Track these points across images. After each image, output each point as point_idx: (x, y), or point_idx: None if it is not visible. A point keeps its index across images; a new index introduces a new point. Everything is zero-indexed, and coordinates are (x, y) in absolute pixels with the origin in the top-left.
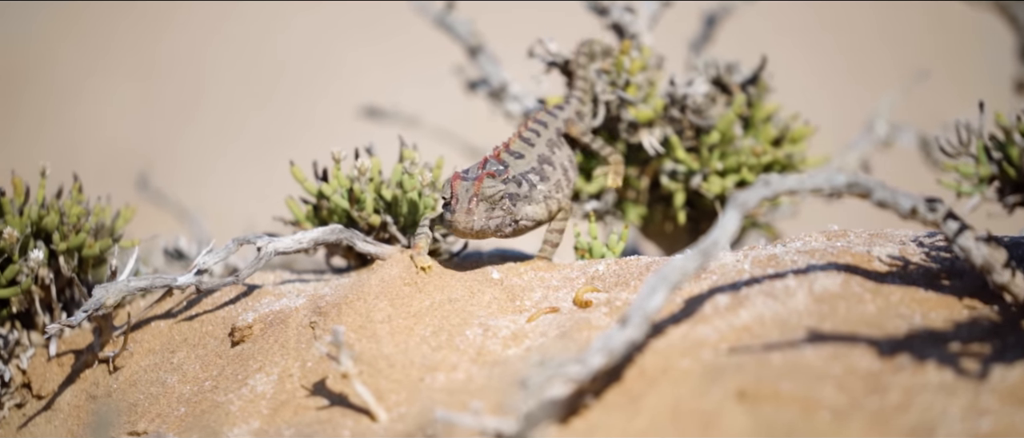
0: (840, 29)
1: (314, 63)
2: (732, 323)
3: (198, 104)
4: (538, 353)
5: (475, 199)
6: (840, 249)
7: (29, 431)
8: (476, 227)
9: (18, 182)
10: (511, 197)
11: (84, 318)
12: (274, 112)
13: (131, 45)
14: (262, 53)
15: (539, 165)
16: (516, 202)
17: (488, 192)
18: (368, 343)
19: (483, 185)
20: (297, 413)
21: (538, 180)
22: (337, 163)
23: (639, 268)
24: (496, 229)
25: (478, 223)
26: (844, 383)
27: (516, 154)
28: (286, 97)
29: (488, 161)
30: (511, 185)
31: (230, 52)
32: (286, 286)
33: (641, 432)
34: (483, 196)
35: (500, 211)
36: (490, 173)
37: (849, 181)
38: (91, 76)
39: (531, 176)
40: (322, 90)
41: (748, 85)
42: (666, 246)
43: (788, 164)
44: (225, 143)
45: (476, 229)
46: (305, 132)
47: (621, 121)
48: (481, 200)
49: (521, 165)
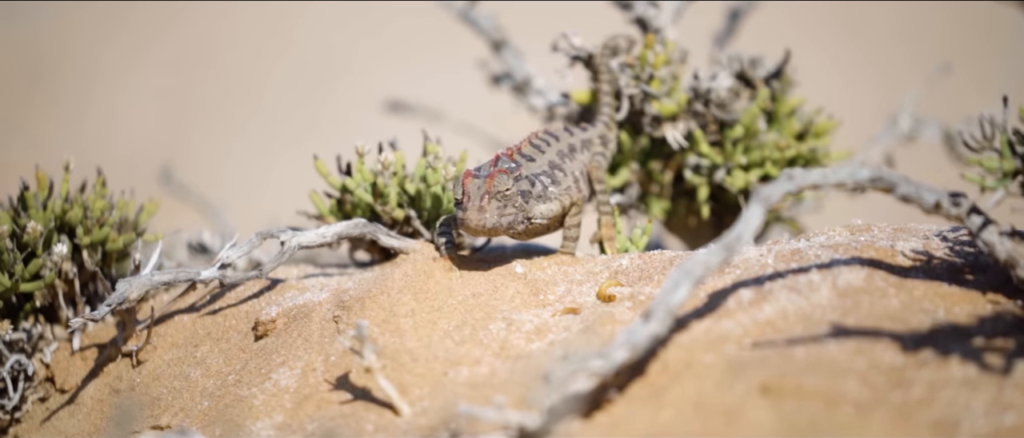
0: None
1: (338, 57)
2: (755, 317)
3: (222, 98)
4: (562, 347)
5: (487, 196)
6: (864, 244)
7: (52, 425)
8: (488, 224)
9: (42, 176)
10: (523, 194)
11: (107, 312)
12: (298, 106)
13: (154, 39)
14: (286, 47)
15: (550, 170)
16: (528, 200)
17: (500, 188)
18: (391, 337)
19: (495, 181)
20: (320, 407)
21: (549, 182)
22: (361, 157)
23: (662, 262)
24: (509, 226)
25: (490, 220)
26: (867, 378)
27: (527, 157)
28: (310, 91)
29: (500, 158)
30: (524, 182)
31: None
32: (309, 280)
33: (664, 426)
34: (495, 192)
35: (512, 208)
36: (502, 170)
37: (873, 175)
38: (114, 70)
39: (543, 178)
40: (346, 84)
41: (772, 79)
42: (689, 240)
43: (812, 158)
44: (248, 137)
45: (488, 226)
46: (329, 126)
47: (645, 115)
48: (493, 197)
49: (532, 167)
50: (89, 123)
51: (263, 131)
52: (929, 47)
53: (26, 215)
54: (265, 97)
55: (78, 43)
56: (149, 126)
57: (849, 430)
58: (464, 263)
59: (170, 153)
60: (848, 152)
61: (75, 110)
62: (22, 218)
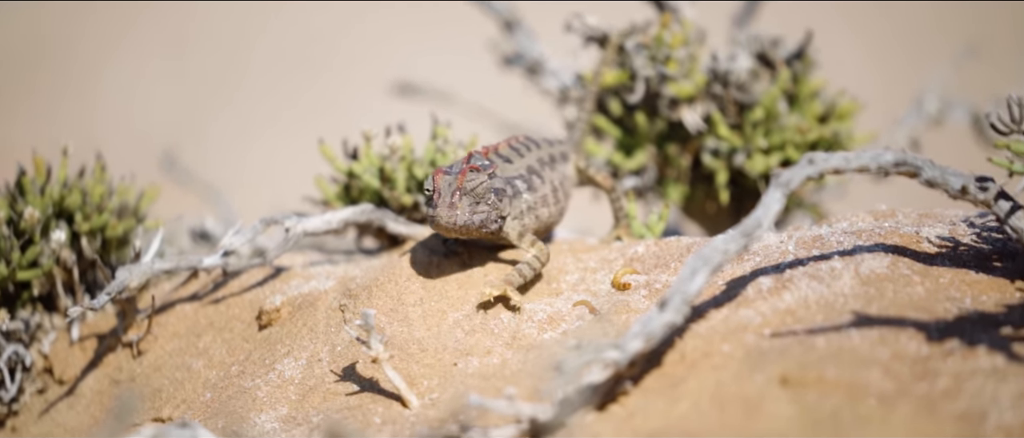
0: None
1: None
2: (775, 306)
3: (225, 81)
4: (575, 337)
5: (458, 193)
6: (888, 230)
7: (51, 417)
8: (459, 222)
9: (39, 161)
10: (497, 193)
11: (107, 301)
12: (303, 89)
13: (156, 21)
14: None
15: (528, 174)
16: (503, 199)
17: (471, 186)
18: (399, 327)
19: (466, 178)
20: (326, 399)
21: (525, 187)
22: (368, 141)
23: (679, 249)
24: (481, 225)
25: (461, 218)
26: (891, 368)
27: (504, 158)
28: (315, 73)
29: (473, 156)
30: (498, 181)
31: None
32: (315, 268)
33: (681, 419)
34: (466, 190)
35: (485, 206)
36: (475, 167)
37: (897, 159)
38: (114, 52)
39: (517, 182)
40: (352, 66)
41: (793, 60)
42: (708, 226)
43: (834, 142)
44: (252, 121)
45: (459, 224)
46: (335, 109)
47: (661, 97)
48: (464, 194)
49: (509, 169)
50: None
51: (267, 115)
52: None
53: (23, 201)
54: (269, 80)
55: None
56: (151, 111)
57: (872, 422)
58: (474, 251)
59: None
60: (872, 135)
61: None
62: (19, 204)
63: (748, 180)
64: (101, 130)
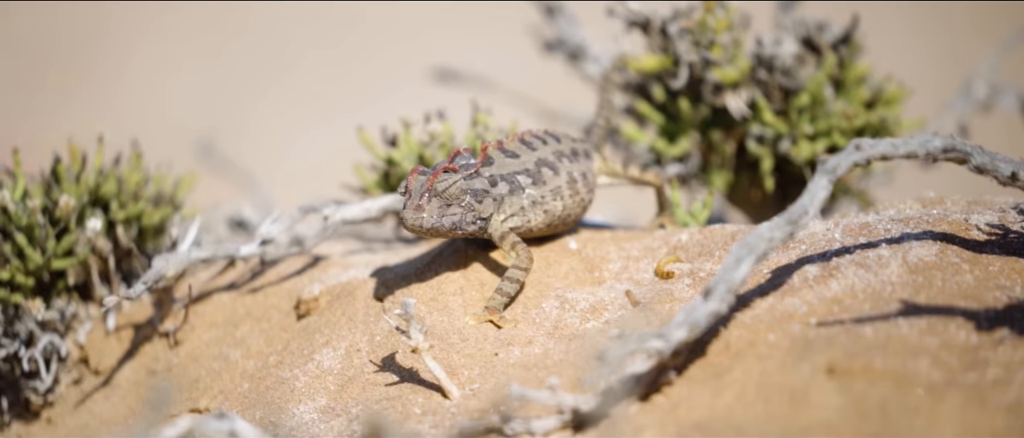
0: None
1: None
2: (822, 294)
3: (263, 68)
4: (618, 326)
5: (428, 195)
6: (936, 217)
7: (86, 408)
8: (426, 225)
9: (74, 149)
10: (474, 194)
11: (144, 290)
12: (341, 76)
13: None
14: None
15: (536, 168)
16: (482, 200)
17: (441, 187)
18: (439, 316)
19: (437, 179)
20: (365, 389)
21: (529, 182)
22: (407, 128)
23: (724, 237)
24: (453, 227)
25: (428, 221)
26: (940, 358)
27: (510, 153)
28: (354, 60)
29: (460, 154)
30: (477, 180)
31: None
32: (354, 256)
33: (726, 409)
34: (437, 191)
35: (458, 209)
36: (449, 167)
37: (945, 145)
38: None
39: (520, 177)
40: (391, 53)
41: (839, 45)
42: (753, 214)
43: (881, 128)
44: (290, 108)
45: (426, 227)
46: (374, 96)
47: (705, 83)
48: (434, 196)
49: (511, 164)
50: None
51: (305, 102)
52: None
53: (59, 189)
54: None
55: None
56: (187, 98)
57: (921, 413)
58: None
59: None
60: (920, 121)
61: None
62: (54, 192)
63: (793, 167)
64: (137, 119)
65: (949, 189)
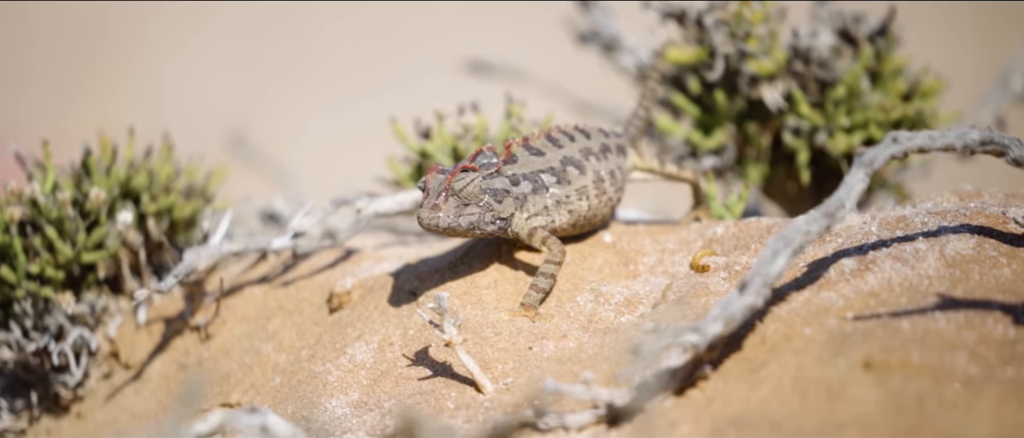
0: None
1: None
2: (858, 288)
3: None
4: (653, 320)
5: (445, 194)
6: (973, 210)
7: (117, 402)
8: (442, 225)
9: (105, 141)
10: (494, 194)
11: (174, 283)
12: (374, 68)
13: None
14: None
15: (561, 166)
16: (502, 199)
17: (459, 186)
18: (473, 310)
19: (455, 178)
20: (398, 384)
21: (553, 181)
22: (440, 120)
23: (760, 230)
24: (471, 227)
25: (444, 220)
26: (978, 352)
27: (535, 150)
28: (386, 52)
29: (482, 153)
30: (497, 180)
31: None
32: (386, 250)
33: (762, 404)
34: (454, 190)
35: (477, 208)
36: (468, 166)
37: (983, 138)
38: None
39: (544, 176)
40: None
41: (876, 37)
42: (789, 207)
43: (918, 120)
44: (322, 100)
45: (442, 227)
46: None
47: (741, 75)
48: (451, 195)
49: (536, 163)
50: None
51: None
52: None
53: (89, 181)
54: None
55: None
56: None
57: (958, 407)
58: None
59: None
60: (957, 114)
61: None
62: (85, 184)
63: (830, 160)
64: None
65: (986, 182)
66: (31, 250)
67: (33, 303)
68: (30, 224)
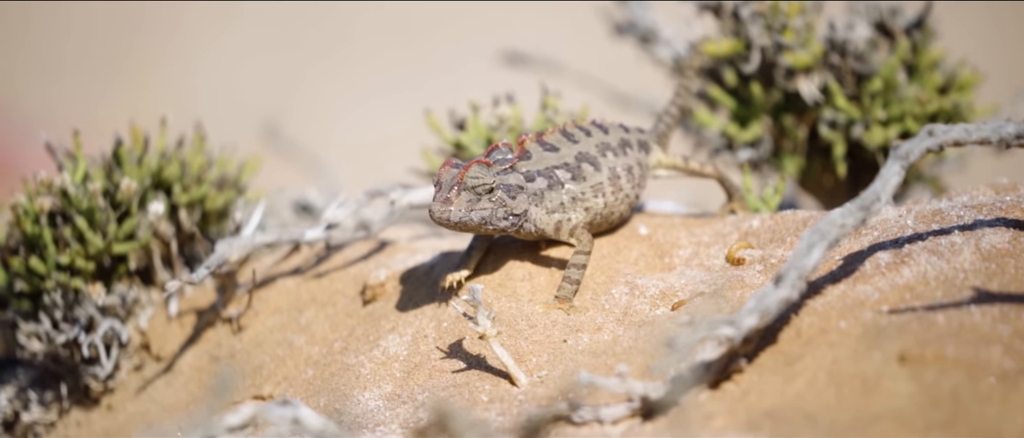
0: None
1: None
2: (894, 282)
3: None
4: (688, 313)
5: (457, 189)
6: (1010, 203)
7: (148, 395)
8: (453, 219)
9: (137, 131)
10: (508, 189)
11: (206, 275)
12: (408, 59)
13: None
14: None
15: (575, 162)
16: (515, 195)
17: (471, 181)
18: (507, 302)
19: (468, 173)
20: (432, 376)
21: (569, 177)
22: (475, 111)
23: (795, 223)
24: (483, 222)
25: (455, 215)
26: (1013, 346)
27: (549, 146)
28: (420, 43)
29: (497, 148)
30: (511, 176)
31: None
32: (421, 241)
33: (797, 397)
34: (467, 185)
35: (489, 203)
36: (482, 161)
37: (1019, 131)
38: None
39: (559, 172)
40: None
41: (912, 29)
42: (825, 200)
43: (954, 113)
44: (357, 91)
45: (453, 221)
46: (441, 79)
47: (777, 67)
48: (464, 189)
49: (550, 159)
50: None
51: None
52: None
53: (120, 172)
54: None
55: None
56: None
57: (993, 401)
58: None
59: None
60: (993, 107)
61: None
62: (116, 175)
63: (866, 152)
64: (202, 102)
65: (1022, 176)
66: (61, 241)
67: (63, 294)
68: (60, 214)
